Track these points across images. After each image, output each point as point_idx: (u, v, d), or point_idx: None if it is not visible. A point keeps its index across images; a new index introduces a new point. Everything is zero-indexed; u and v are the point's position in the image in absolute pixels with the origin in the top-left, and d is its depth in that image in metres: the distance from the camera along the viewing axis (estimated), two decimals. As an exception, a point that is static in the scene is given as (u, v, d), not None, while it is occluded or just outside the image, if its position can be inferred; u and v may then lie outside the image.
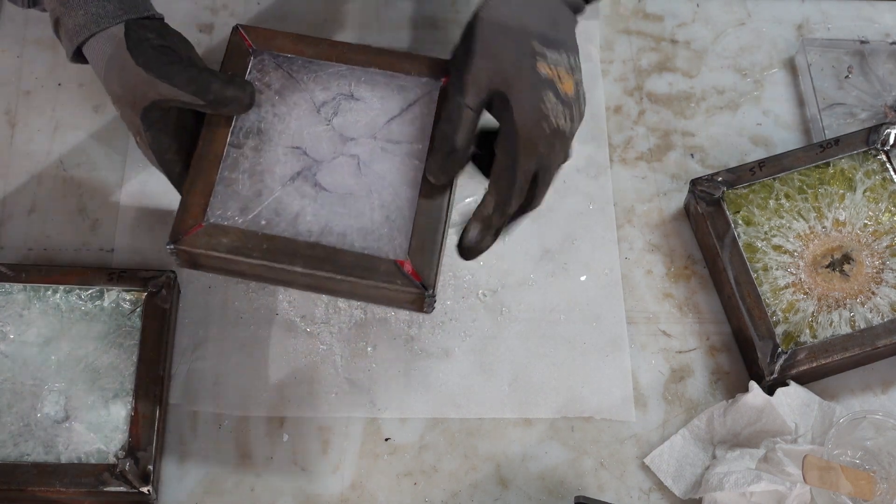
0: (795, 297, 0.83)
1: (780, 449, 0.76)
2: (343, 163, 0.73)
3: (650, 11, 1.02)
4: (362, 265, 0.69)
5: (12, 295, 0.81)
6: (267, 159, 0.73)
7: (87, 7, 0.73)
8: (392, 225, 0.71)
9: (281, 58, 0.77)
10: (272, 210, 0.71)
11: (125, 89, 0.72)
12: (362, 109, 0.75)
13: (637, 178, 0.94)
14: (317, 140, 0.74)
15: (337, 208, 0.72)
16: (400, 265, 0.70)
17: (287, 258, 0.70)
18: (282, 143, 0.74)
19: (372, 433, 0.82)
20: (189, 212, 0.71)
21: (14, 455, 0.75)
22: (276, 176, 0.73)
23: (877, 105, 0.95)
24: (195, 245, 0.70)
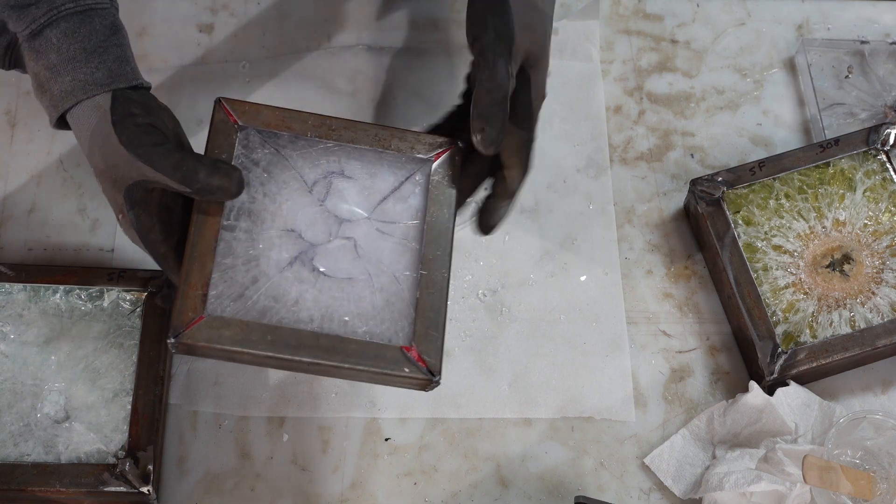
0: (795, 297, 0.83)
1: (780, 449, 0.76)
2: (339, 246, 0.72)
3: (650, 11, 1.02)
4: (368, 353, 0.68)
5: (12, 295, 0.81)
6: (262, 243, 0.71)
7: (74, 73, 0.70)
8: (393, 309, 0.70)
9: (267, 133, 0.74)
10: (270, 297, 0.69)
11: (107, 165, 0.69)
12: (354, 188, 0.73)
13: (637, 178, 0.94)
14: (311, 222, 0.72)
15: (336, 293, 0.70)
16: (406, 351, 0.69)
17: (291, 349, 0.68)
18: (275, 226, 0.71)
19: (372, 433, 0.82)
20: (188, 304, 0.68)
21: (14, 455, 0.75)
22: (271, 261, 0.70)
23: (877, 105, 0.95)
24: (197, 339, 0.67)
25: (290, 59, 0.97)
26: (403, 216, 0.73)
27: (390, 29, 0.99)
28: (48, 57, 0.70)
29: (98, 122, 0.69)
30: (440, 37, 0.99)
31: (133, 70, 0.72)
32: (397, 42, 0.98)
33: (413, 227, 0.73)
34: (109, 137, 0.68)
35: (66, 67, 0.70)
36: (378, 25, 0.99)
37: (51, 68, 0.70)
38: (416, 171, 0.74)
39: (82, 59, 0.70)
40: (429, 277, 0.71)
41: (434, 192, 0.74)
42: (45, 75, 0.70)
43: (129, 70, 0.71)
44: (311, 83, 0.96)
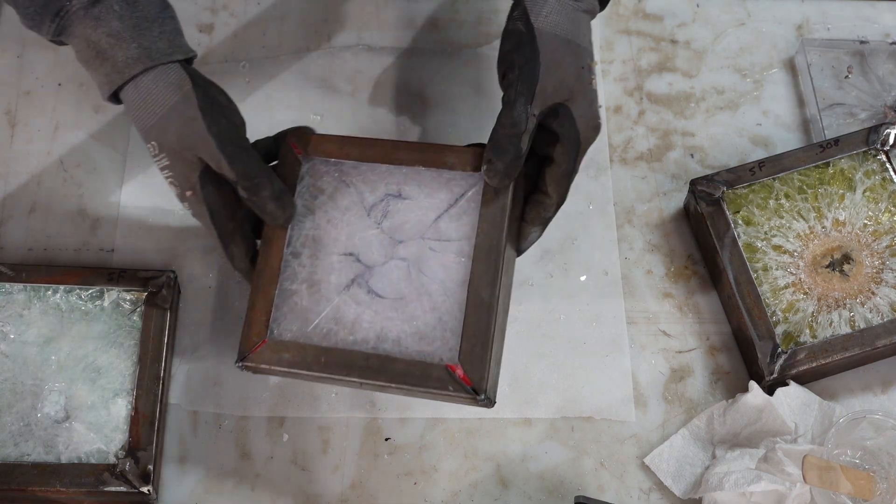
0: (795, 297, 0.83)
1: (780, 449, 0.76)
2: (394, 267, 0.74)
3: (650, 11, 1.02)
4: (414, 373, 0.71)
5: (12, 295, 0.81)
6: (322, 268, 0.75)
7: (140, 41, 0.71)
8: (444, 327, 0.72)
9: (330, 163, 0.77)
10: (331, 319, 0.73)
11: (185, 147, 0.72)
12: (410, 209, 0.75)
13: (637, 178, 0.94)
14: (368, 245, 0.75)
15: (390, 313, 0.73)
16: (451, 370, 0.70)
17: (343, 370, 0.72)
18: (336, 251, 0.75)
19: (372, 433, 0.82)
20: (253, 329, 0.74)
21: (14, 455, 0.75)
22: (331, 285, 0.74)
23: (877, 105, 0.95)
24: (259, 362, 0.73)
25: (290, 59, 0.97)
26: (457, 234, 0.74)
27: (390, 29, 0.99)
28: (110, 24, 0.71)
29: (179, 101, 0.71)
30: (440, 37, 0.99)
31: (186, 44, 0.74)
32: (397, 42, 0.98)
33: (466, 245, 0.74)
34: (195, 121, 0.71)
35: (132, 34, 0.71)
36: (378, 25, 0.99)
37: (113, 35, 0.71)
38: (471, 188, 0.75)
39: (145, 28, 0.72)
40: (476, 294, 0.72)
41: (485, 210, 0.74)
42: (106, 42, 0.71)
43: (184, 43, 0.74)
44: (311, 83, 0.96)
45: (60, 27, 0.73)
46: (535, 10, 0.73)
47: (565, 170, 0.75)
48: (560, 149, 0.74)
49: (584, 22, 0.76)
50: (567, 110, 0.73)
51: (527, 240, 0.78)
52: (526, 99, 0.71)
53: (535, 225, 0.77)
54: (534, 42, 0.72)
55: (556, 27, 0.73)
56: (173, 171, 0.73)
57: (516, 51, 0.73)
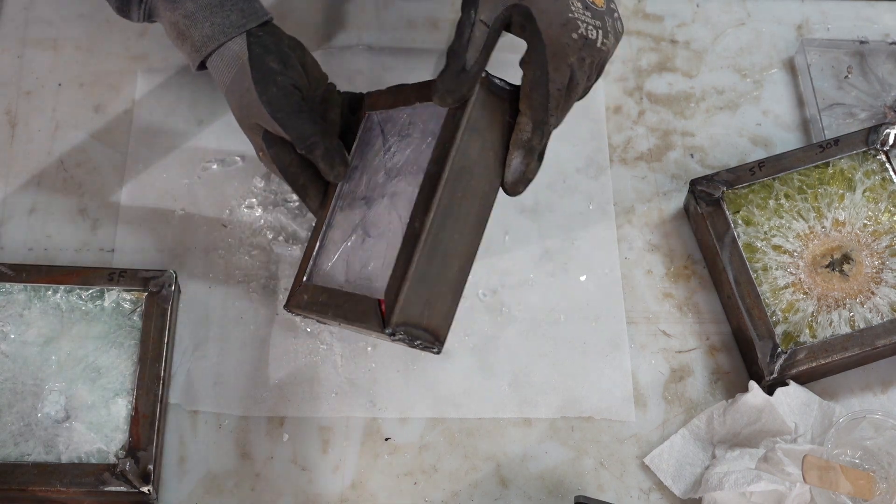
0: (795, 297, 0.83)
1: (780, 449, 0.76)
2: (382, 205, 0.75)
3: (650, 11, 1.02)
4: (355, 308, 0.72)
5: (13, 295, 0.81)
6: (349, 216, 0.78)
7: (212, 19, 0.77)
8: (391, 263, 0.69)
9: (381, 114, 0.80)
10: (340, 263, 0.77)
11: (244, 114, 0.78)
12: (409, 145, 0.76)
13: (637, 178, 0.94)
14: (375, 187, 0.77)
15: (369, 252, 0.74)
16: (379, 304, 0.68)
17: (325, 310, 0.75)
18: (358, 197, 0.78)
19: (372, 433, 0.82)
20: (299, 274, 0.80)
21: (14, 455, 0.75)
22: (346, 230, 0.77)
23: (876, 105, 0.95)
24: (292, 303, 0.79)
25: (290, 59, 0.97)
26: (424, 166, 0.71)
27: (390, 29, 0.99)
28: (185, 6, 0.77)
29: (237, 73, 0.77)
30: (440, 37, 0.99)
31: (260, 7, 0.79)
32: (397, 42, 0.98)
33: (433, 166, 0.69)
34: (249, 91, 0.76)
35: (204, 14, 0.77)
36: (378, 25, 0.99)
37: (189, 16, 0.77)
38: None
39: (217, 5, 0.77)
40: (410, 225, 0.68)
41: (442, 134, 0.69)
42: (183, 24, 0.77)
43: (258, 7, 0.79)
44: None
45: (148, 11, 0.80)
46: None
47: (532, 78, 0.67)
48: (525, 56, 0.67)
49: None
50: (525, 10, 0.66)
51: (509, 168, 0.69)
52: (471, 4, 0.66)
53: (515, 149, 0.69)
54: None
55: None
56: (244, 132, 0.79)
57: None
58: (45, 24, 0.98)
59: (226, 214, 0.89)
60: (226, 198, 0.90)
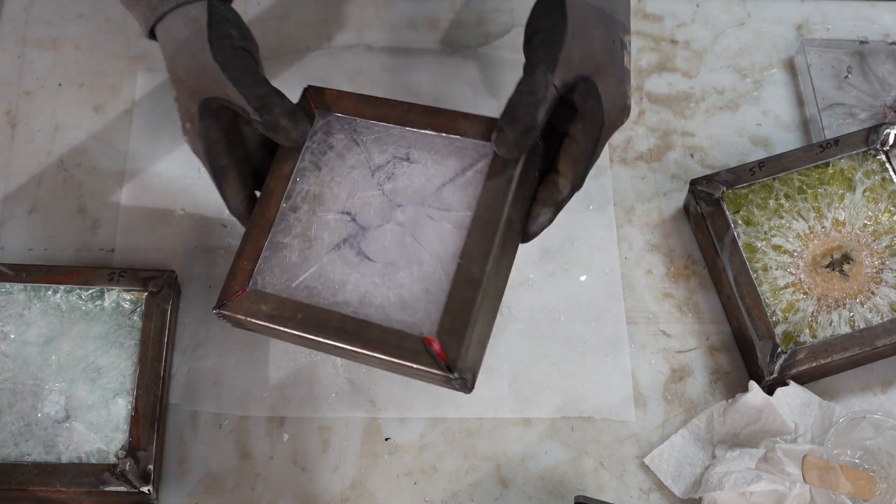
0: (795, 297, 0.83)
1: (780, 449, 0.76)
2: (388, 231, 0.70)
3: (650, 11, 1.02)
4: (390, 342, 0.66)
5: (13, 295, 0.81)
6: (318, 225, 0.71)
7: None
8: (430, 299, 0.67)
9: (345, 120, 0.74)
10: (317, 277, 0.69)
11: (191, 77, 0.71)
12: (415, 173, 0.72)
13: (637, 178, 0.94)
14: (367, 206, 0.71)
15: (376, 278, 0.69)
16: (428, 343, 0.65)
17: (317, 330, 0.67)
18: (334, 209, 0.72)
19: (372, 433, 0.82)
20: (236, 277, 0.70)
21: (14, 455, 0.75)
22: (324, 242, 0.70)
23: (876, 105, 0.95)
24: (237, 311, 0.69)
25: (290, 58, 0.97)
26: (459, 204, 0.70)
27: (390, 29, 0.99)
28: None
29: (192, 35, 0.72)
30: (440, 37, 0.99)
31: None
32: (397, 42, 0.98)
33: (466, 216, 0.69)
34: (202, 53, 0.71)
35: None
36: (378, 25, 0.99)
37: None
38: (482, 158, 0.71)
39: None
40: (466, 268, 0.67)
41: (490, 181, 0.69)
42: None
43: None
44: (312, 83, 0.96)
45: None
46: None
47: (583, 149, 0.69)
48: (580, 125, 0.69)
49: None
50: (592, 85, 0.68)
51: (536, 222, 0.72)
52: (547, 66, 0.67)
53: (545, 206, 0.71)
54: (563, 7, 0.68)
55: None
56: (178, 101, 0.73)
57: (544, 14, 0.68)
58: (45, 24, 0.98)
59: (226, 214, 0.89)
60: (226, 198, 0.90)
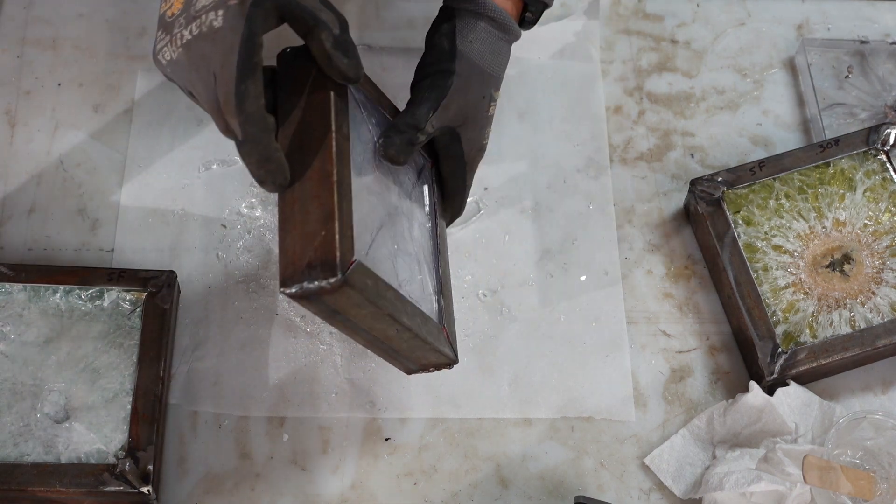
0: (795, 297, 0.83)
1: (780, 449, 0.76)
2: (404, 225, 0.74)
3: (650, 11, 1.02)
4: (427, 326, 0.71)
5: (12, 295, 0.81)
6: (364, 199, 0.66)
7: None
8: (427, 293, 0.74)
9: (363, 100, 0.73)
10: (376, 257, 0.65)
11: None
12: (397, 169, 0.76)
13: (637, 178, 0.94)
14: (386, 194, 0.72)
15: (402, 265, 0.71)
16: (443, 331, 0.73)
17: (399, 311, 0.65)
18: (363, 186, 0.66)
19: (372, 433, 0.82)
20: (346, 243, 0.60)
21: (14, 455, 0.75)
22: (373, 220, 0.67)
23: (877, 105, 0.95)
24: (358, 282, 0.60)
25: (290, 59, 0.97)
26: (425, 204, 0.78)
27: (390, 29, 0.99)
28: None
29: None
30: (440, 37, 0.99)
31: None
32: (397, 42, 0.98)
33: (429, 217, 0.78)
34: None
35: None
36: (378, 25, 0.99)
37: None
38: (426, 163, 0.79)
39: None
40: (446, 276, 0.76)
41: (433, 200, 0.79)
42: None
43: None
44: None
45: None
46: (462, 33, 0.75)
47: (453, 188, 0.80)
48: (445, 167, 0.79)
49: (504, 51, 0.78)
50: (456, 135, 0.76)
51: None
52: (429, 107, 0.73)
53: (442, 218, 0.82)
54: (453, 63, 0.75)
55: (478, 56, 0.76)
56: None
57: (435, 65, 0.75)
58: (44, 23, 0.98)
59: (225, 214, 0.89)
60: (225, 198, 0.90)
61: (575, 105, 0.96)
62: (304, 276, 0.59)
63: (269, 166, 0.64)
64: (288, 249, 0.61)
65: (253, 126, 0.63)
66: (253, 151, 0.63)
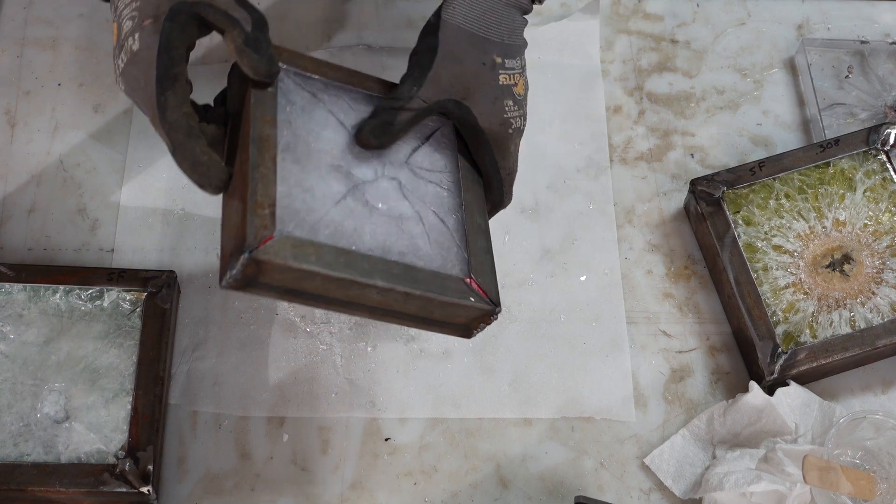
0: (795, 297, 0.83)
1: (780, 449, 0.76)
2: (386, 185, 0.71)
3: (650, 11, 1.02)
4: (436, 282, 0.68)
5: (12, 295, 0.81)
6: (312, 176, 0.68)
7: None
8: (443, 248, 0.70)
9: (302, 77, 0.73)
10: (330, 226, 0.66)
11: None
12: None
13: (637, 178, 0.94)
14: (357, 160, 0.71)
15: (392, 229, 0.69)
16: (468, 283, 0.69)
17: (366, 273, 0.65)
18: (323, 162, 0.69)
19: (372, 433, 0.82)
20: (257, 220, 0.63)
21: (14, 455, 0.75)
22: (326, 193, 0.68)
23: (877, 105, 0.95)
24: (273, 255, 0.62)
25: (290, 59, 0.97)
26: (438, 166, 0.73)
27: (390, 29, 0.99)
28: None
29: None
30: (440, 37, 0.99)
31: None
32: (397, 42, 0.98)
33: (446, 176, 0.73)
34: None
35: None
36: (378, 25, 0.99)
37: None
38: (442, 125, 0.75)
39: None
40: (473, 220, 0.72)
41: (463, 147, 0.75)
42: None
43: None
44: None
45: None
46: (447, 3, 0.73)
47: (487, 170, 0.75)
48: (473, 148, 0.75)
49: (505, 15, 0.74)
50: (466, 109, 0.72)
51: None
52: (414, 81, 0.71)
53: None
54: (437, 34, 0.72)
55: (463, 20, 0.72)
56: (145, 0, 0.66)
57: (422, 39, 0.73)
58: (44, 23, 0.98)
59: (226, 214, 0.89)
60: (226, 198, 0.90)
61: (575, 105, 0.96)
62: (228, 265, 0.63)
63: (201, 169, 0.66)
64: (223, 248, 0.65)
65: (177, 133, 0.65)
66: (183, 158, 0.66)
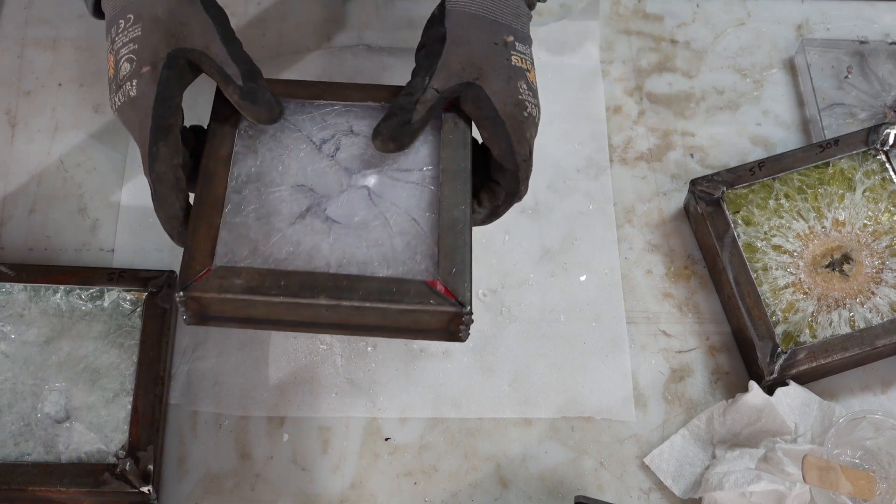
0: (795, 297, 0.83)
1: (780, 449, 0.76)
2: (353, 195, 0.71)
3: (650, 11, 1.02)
4: (390, 289, 0.66)
5: (12, 295, 0.81)
6: (271, 200, 0.69)
7: None
8: (414, 250, 0.68)
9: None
10: (283, 249, 0.67)
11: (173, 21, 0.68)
12: (363, 144, 0.73)
13: (637, 178, 0.94)
14: (322, 176, 0.71)
15: (352, 240, 0.68)
16: (431, 285, 0.66)
17: (308, 291, 0.65)
18: (286, 183, 0.70)
19: (372, 433, 0.82)
20: (195, 258, 0.66)
21: (14, 455, 0.75)
22: (283, 215, 0.69)
23: (876, 105, 0.95)
24: (207, 290, 0.64)
25: (290, 59, 0.97)
26: (418, 163, 0.72)
27: (390, 29, 0.99)
28: None
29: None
30: (440, 37, 0.99)
31: None
32: (397, 42, 0.98)
33: (428, 171, 0.71)
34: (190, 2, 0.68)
35: None
36: (378, 25, 0.99)
37: None
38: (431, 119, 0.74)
39: None
40: (450, 216, 0.69)
41: (447, 137, 0.72)
42: None
43: None
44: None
45: None
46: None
47: (501, 153, 0.71)
48: (485, 132, 0.72)
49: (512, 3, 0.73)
50: (478, 89, 0.70)
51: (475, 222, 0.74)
52: (426, 72, 0.70)
53: (480, 205, 0.74)
54: (443, 22, 0.72)
55: (468, 5, 0.72)
56: (141, 43, 0.68)
57: (429, 28, 0.73)
58: (44, 23, 0.98)
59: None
60: (226, 198, 0.90)
61: (575, 105, 0.96)
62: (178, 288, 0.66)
63: (174, 223, 0.69)
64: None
65: (162, 185, 0.68)
66: (160, 208, 0.69)
